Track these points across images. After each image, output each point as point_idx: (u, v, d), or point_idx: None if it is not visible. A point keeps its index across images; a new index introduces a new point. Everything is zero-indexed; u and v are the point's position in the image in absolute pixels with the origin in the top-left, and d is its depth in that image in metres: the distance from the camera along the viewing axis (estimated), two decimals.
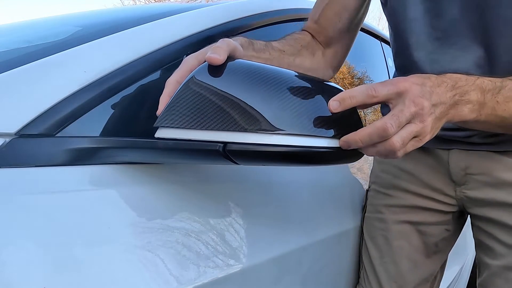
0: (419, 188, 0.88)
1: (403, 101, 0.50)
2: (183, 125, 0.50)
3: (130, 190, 0.57)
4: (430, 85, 0.53)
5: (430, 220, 0.88)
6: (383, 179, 0.94)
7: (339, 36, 0.88)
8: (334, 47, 0.89)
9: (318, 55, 0.86)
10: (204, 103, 0.50)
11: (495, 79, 0.61)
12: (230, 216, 0.66)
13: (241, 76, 0.50)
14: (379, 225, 0.92)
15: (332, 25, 0.87)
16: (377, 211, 0.93)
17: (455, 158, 0.82)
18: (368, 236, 0.94)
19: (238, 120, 0.48)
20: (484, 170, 0.79)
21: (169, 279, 0.53)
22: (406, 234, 0.89)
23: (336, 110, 0.49)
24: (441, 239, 0.90)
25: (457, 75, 0.58)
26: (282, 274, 0.71)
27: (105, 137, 0.59)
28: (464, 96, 0.56)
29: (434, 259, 0.92)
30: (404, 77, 0.53)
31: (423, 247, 0.89)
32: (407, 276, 0.90)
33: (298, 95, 0.49)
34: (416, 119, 0.50)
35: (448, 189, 0.85)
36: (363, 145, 0.50)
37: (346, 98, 0.49)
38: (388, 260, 0.90)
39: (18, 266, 0.43)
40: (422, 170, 0.87)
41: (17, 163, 0.50)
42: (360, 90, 0.50)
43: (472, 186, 0.81)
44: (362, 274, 0.95)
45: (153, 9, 0.93)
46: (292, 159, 0.49)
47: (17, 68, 0.58)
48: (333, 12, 0.87)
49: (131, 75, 0.64)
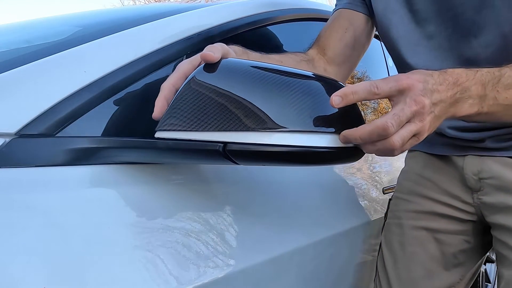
0: (438, 195, 0.87)
1: (404, 99, 0.50)
2: (185, 128, 0.50)
3: (130, 190, 0.57)
4: (432, 83, 0.53)
5: (447, 228, 0.86)
6: (405, 186, 0.94)
7: (343, 52, 0.88)
8: (337, 64, 0.88)
9: (319, 68, 0.85)
10: (205, 102, 0.50)
11: (493, 69, 0.61)
12: (230, 216, 0.66)
13: (241, 74, 0.50)
14: (396, 230, 0.91)
15: (337, 40, 0.87)
16: (395, 217, 0.93)
17: (469, 163, 0.82)
18: (385, 242, 0.93)
19: (240, 118, 0.48)
20: (495, 174, 0.79)
21: (169, 279, 0.53)
22: (422, 241, 0.88)
23: (338, 105, 0.48)
24: (460, 250, 0.87)
25: (458, 70, 0.57)
26: (282, 274, 0.71)
27: (105, 137, 0.59)
28: (465, 93, 0.57)
29: (453, 272, 0.88)
30: (407, 74, 0.53)
31: (440, 257, 0.87)
32: (420, 284, 0.88)
33: (299, 91, 0.49)
34: (416, 118, 0.51)
35: (466, 196, 0.84)
36: (362, 143, 0.50)
37: (348, 93, 0.49)
38: (401, 265, 0.89)
39: (18, 266, 0.43)
40: (441, 177, 0.87)
41: (17, 163, 0.50)
42: (362, 86, 0.50)
43: (486, 192, 0.81)
44: (375, 280, 0.94)
45: (153, 9, 0.93)
46: (292, 159, 0.49)
47: (17, 68, 0.58)
48: (339, 26, 0.88)
49: (131, 75, 0.64)
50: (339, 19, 0.89)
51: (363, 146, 0.51)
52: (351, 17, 0.88)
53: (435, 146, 0.88)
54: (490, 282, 1.73)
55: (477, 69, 0.59)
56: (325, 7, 1.21)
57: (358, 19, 0.89)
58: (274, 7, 0.97)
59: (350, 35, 0.88)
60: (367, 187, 1.07)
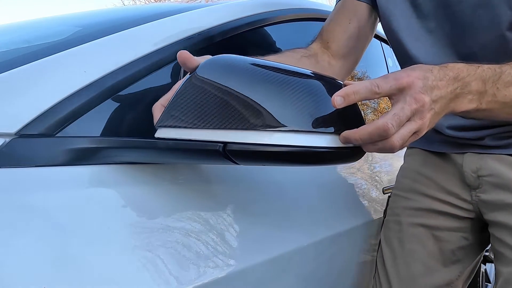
0: (436, 192, 0.88)
1: (404, 98, 0.50)
2: (185, 124, 0.50)
3: (130, 190, 0.57)
4: (432, 79, 0.53)
5: (445, 225, 0.87)
6: (403, 184, 0.94)
7: (347, 44, 0.88)
8: (341, 57, 0.88)
9: (323, 62, 0.85)
10: (206, 98, 0.50)
11: (494, 65, 0.60)
12: (230, 216, 0.66)
13: (242, 71, 0.50)
14: (394, 227, 0.92)
15: (341, 32, 0.87)
16: (394, 214, 0.93)
17: (468, 161, 0.83)
18: (384, 239, 0.94)
19: (240, 115, 0.48)
20: (494, 172, 0.79)
21: (169, 279, 0.53)
22: (420, 238, 0.88)
23: (340, 105, 0.48)
24: (458, 247, 0.88)
25: (459, 65, 0.57)
26: (282, 274, 0.71)
27: (105, 137, 0.59)
28: (465, 88, 0.56)
29: (451, 268, 0.89)
30: (407, 71, 0.53)
31: (439, 253, 0.88)
32: (419, 281, 0.88)
33: (299, 90, 0.49)
34: (416, 116, 0.51)
35: (464, 194, 0.85)
36: (362, 143, 0.50)
37: (350, 93, 0.49)
38: (400, 262, 0.89)
39: (18, 266, 0.43)
40: (439, 175, 0.88)
41: (17, 163, 0.50)
42: (363, 85, 0.50)
43: (485, 189, 0.81)
44: (375, 277, 0.95)
45: (153, 9, 0.92)
46: (292, 159, 0.49)
47: (17, 68, 0.58)
48: (343, 17, 0.88)
49: (131, 75, 0.64)
50: (343, 10, 0.89)
51: (363, 145, 0.51)
52: (354, 7, 0.88)
53: (434, 143, 0.89)
54: (490, 282, 1.73)
55: (478, 64, 0.59)
56: (325, 7, 1.21)
57: (361, 9, 0.88)
58: (274, 7, 0.97)
59: (354, 26, 0.87)
60: (367, 187, 1.06)
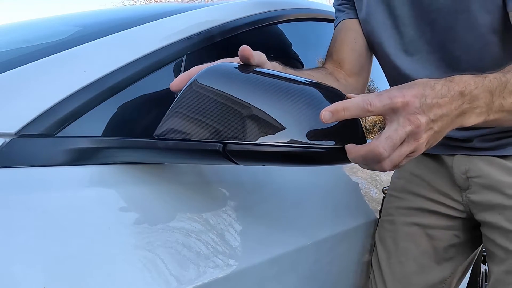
0: (428, 192, 0.90)
1: (398, 119, 0.48)
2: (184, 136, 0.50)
3: (130, 190, 0.57)
4: (432, 97, 0.50)
5: (438, 223, 0.89)
6: (397, 184, 0.96)
7: (358, 61, 0.89)
8: (356, 74, 0.89)
9: (341, 80, 0.86)
10: (205, 105, 0.50)
11: (498, 74, 0.58)
12: (230, 216, 0.66)
13: (242, 79, 0.50)
14: (388, 227, 0.94)
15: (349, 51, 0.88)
16: (388, 214, 0.95)
17: (457, 163, 0.85)
18: (379, 239, 0.95)
19: (240, 123, 0.48)
20: (482, 173, 0.81)
21: (169, 279, 0.53)
22: (414, 237, 0.90)
23: (328, 121, 0.46)
24: (450, 245, 0.90)
25: (466, 77, 0.54)
26: (281, 274, 0.71)
27: (105, 137, 0.59)
28: (474, 102, 0.54)
29: (444, 266, 0.91)
30: (402, 91, 0.49)
31: (432, 252, 0.90)
32: (413, 279, 0.90)
33: (300, 99, 0.49)
34: (411, 137, 0.49)
35: (455, 194, 0.87)
36: (355, 163, 0.50)
37: (339, 110, 0.47)
38: (394, 261, 0.91)
39: (18, 266, 0.43)
40: (431, 176, 0.90)
41: (17, 163, 0.50)
42: (355, 102, 0.48)
43: (474, 190, 0.83)
44: (371, 277, 0.96)
45: (153, 9, 0.93)
46: (292, 159, 0.49)
47: (17, 68, 0.58)
48: (348, 37, 0.89)
49: (131, 75, 0.64)
50: (345, 31, 0.90)
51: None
52: (355, 26, 0.89)
53: None
54: None
55: (484, 75, 0.57)
56: (326, 7, 1.21)
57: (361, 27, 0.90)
58: (274, 7, 0.97)
59: (360, 44, 0.89)
60: (367, 187, 1.07)
